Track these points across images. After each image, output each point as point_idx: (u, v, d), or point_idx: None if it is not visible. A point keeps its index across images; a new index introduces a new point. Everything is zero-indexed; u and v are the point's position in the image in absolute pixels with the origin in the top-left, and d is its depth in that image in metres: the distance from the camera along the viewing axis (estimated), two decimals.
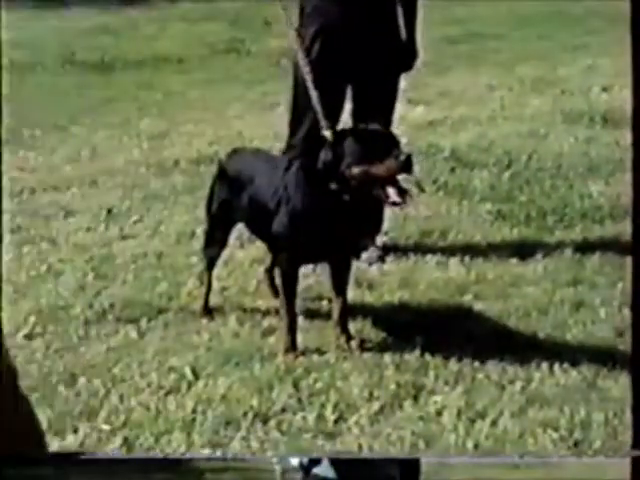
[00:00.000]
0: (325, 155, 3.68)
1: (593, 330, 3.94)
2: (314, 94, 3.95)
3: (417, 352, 3.74)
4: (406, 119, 6.45)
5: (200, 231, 5.00)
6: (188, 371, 3.69)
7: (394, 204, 3.60)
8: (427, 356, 3.74)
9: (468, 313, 4.07)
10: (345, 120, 4.43)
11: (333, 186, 3.62)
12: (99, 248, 4.85)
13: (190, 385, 3.62)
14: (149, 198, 5.56)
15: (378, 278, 4.38)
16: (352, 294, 4.26)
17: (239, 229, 5.02)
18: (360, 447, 3.30)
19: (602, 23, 10.34)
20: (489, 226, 4.74)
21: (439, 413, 3.43)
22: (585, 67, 8.46)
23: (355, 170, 3.59)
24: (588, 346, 3.83)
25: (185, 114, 7.47)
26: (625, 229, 4.87)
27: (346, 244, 3.82)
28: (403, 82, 4.56)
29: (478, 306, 4.14)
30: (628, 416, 3.36)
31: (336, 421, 3.40)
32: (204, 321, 4.07)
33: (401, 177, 3.61)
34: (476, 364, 3.67)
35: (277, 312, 3.99)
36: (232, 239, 4.88)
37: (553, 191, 5.42)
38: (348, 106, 4.49)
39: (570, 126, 6.68)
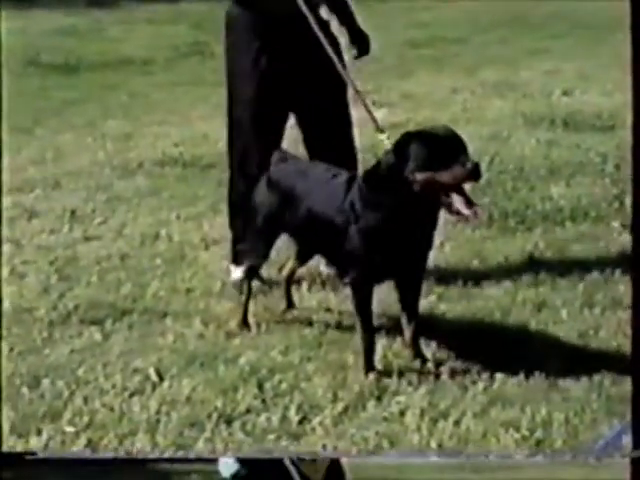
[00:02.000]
0: (387, 160, 3.49)
1: (555, 330, 3.98)
2: (361, 97, 3.86)
3: (380, 353, 3.77)
4: (370, 121, 6.47)
5: (165, 233, 5.02)
6: (152, 372, 3.70)
7: (458, 214, 3.41)
8: (390, 357, 3.77)
9: (431, 314, 4.10)
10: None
11: (395, 189, 3.43)
12: (63, 250, 4.84)
13: (154, 386, 3.63)
14: (113, 200, 5.55)
15: None
16: (318, 296, 4.30)
17: (194, 227, 5.09)
18: (324, 448, 3.32)
19: (564, 28, 10.45)
20: (451, 227, 4.77)
21: (402, 413, 3.45)
22: (546, 71, 8.54)
23: (419, 176, 3.39)
24: (550, 346, 3.86)
25: (150, 116, 7.46)
26: (585, 230, 4.93)
27: (414, 256, 3.65)
28: (368, 84, 4.56)
29: (441, 307, 4.17)
30: (588, 415, 3.40)
31: (300, 422, 3.42)
32: (168, 323, 4.08)
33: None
34: (439, 365, 3.71)
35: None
36: (196, 240, 4.93)
37: (514, 193, 5.47)
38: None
39: (531, 129, 6.74)
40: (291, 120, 4.40)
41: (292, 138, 4.46)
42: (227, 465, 3.38)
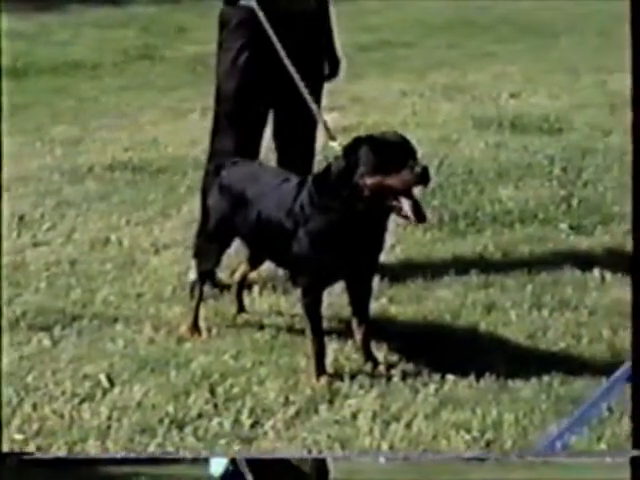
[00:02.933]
0: (337, 165, 3.52)
1: (504, 332, 4.01)
2: (314, 106, 3.91)
3: (331, 356, 3.78)
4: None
5: (115, 238, 4.99)
6: (103, 378, 3.68)
7: (407, 218, 3.44)
8: (341, 360, 3.78)
9: (382, 316, 4.11)
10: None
11: (345, 193, 3.47)
12: (11, 256, 4.79)
13: (105, 392, 3.61)
14: (62, 205, 5.51)
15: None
16: (269, 299, 4.30)
17: (144, 232, 5.07)
18: (276, 451, 3.32)
19: (510, 32, 10.55)
20: (402, 230, 4.79)
21: (354, 416, 3.46)
22: (494, 74, 8.62)
23: (369, 180, 3.42)
24: (499, 348, 3.89)
25: (99, 120, 7.42)
26: (533, 232, 4.98)
27: (364, 259, 3.67)
28: None
29: (392, 310, 4.19)
30: (538, 416, 3.43)
31: (252, 426, 3.41)
32: (118, 328, 4.06)
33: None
34: (390, 367, 3.72)
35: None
36: (146, 245, 4.91)
37: (464, 196, 5.51)
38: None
39: (480, 132, 6.79)
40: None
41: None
42: (217, 464, 3.40)
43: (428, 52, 9.78)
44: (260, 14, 4.11)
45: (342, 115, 7.09)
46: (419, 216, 3.43)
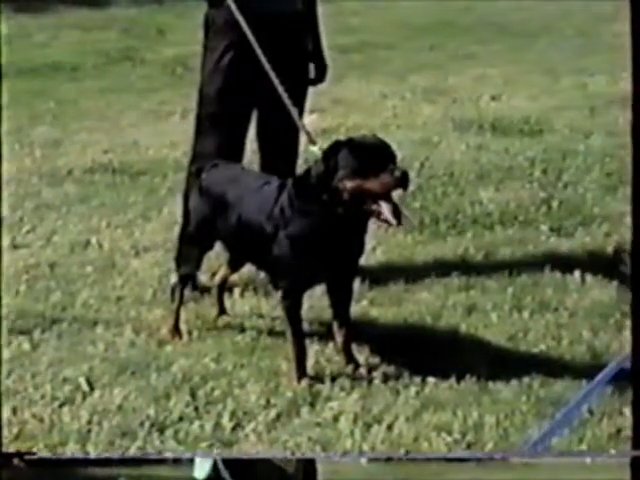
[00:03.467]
0: (317, 168, 3.53)
1: (485, 334, 4.02)
2: (294, 110, 3.91)
3: (312, 359, 3.77)
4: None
5: (95, 240, 4.98)
6: (83, 382, 3.66)
7: (386, 222, 3.45)
8: (323, 363, 3.78)
9: (363, 319, 4.11)
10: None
11: (325, 197, 3.48)
12: None
13: (85, 396, 3.59)
14: (42, 207, 5.49)
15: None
16: (250, 302, 4.29)
17: (125, 235, 5.05)
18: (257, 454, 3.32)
19: (491, 34, 10.58)
20: (383, 232, 4.79)
21: (336, 419, 3.46)
22: (474, 76, 8.64)
23: (348, 184, 3.43)
24: (480, 350, 3.90)
25: (79, 123, 7.39)
26: (514, 234, 4.99)
27: (344, 262, 3.67)
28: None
29: (373, 312, 4.19)
30: (518, 417, 3.44)
31: (233, 429, 3.41)
32: (99, 331, 4.05)
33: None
34: (371, 370, 3.72)
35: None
36: (127, 248, 4.89)
37: (445, 198, 5.52)
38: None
39: (461, 134, 6.81)
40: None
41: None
42: (201, 468, 3.40)
43: (409, 54, 9.80)
44: (238, 15, 4.09)
45: (322, 117, 7.09)
46: (398, 220, 3.44)
